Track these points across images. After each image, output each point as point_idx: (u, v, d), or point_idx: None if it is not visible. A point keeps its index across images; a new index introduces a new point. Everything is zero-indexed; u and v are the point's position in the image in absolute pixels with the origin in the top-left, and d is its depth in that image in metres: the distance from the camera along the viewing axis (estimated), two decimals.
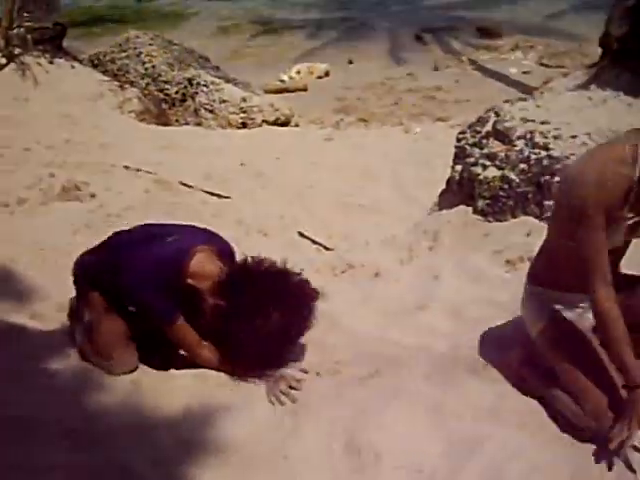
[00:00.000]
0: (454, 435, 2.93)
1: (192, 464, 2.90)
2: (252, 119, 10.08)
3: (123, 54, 11.05)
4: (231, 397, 3.31)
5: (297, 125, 10.61)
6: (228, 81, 10.85)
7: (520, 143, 4.99)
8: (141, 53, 11.02)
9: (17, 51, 9.22)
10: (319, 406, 3.18)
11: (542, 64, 14.04)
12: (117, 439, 3.01)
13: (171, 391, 3.34)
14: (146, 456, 2.91)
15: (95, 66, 10.60)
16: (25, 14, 9.30)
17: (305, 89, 13.20)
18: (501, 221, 4.92)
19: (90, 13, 18.64)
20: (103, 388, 3.38)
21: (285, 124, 10.38)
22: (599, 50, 7.74)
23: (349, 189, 7.30)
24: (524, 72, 13.60)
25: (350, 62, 14.86)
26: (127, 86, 9.68)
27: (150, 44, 11.13)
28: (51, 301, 4.33)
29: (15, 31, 9.29)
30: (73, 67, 9.55)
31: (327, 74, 14.09)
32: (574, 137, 4.85)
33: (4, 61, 9.17)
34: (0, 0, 9.49)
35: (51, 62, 9.31)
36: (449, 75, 13.75)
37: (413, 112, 11.46)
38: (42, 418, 3.08)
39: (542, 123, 5.05)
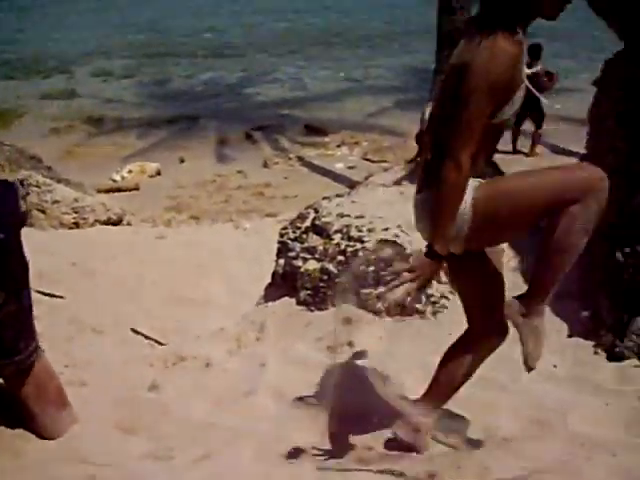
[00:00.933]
0: None
1: None
2: (84, 219, 10.14)
3: None
4: None
5: (129, 224, 10.74)
6: (60, 181, 10.90)
7: (337, 237, 5.39)
8: None
9: None
10: None
11: (366, 159, 14.76)
12: None
13: None
14: None
15: None
16: None
17: (137, 188, 13.35)
18: (322, 310, 5.28)
19: None
20: None
21: (117, 223, 10.49)
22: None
23: (181, 285, 7.49)
24: (349, 167, 14.26)
25: (182, 161, 15.16)
26: None
27: None
28: None
29: None
30: None
31: (159, 173, 14.32)
32: (386, 229, 5.30)
33: None
34: None
35: None
36: (278, 172, 14.26)
37: (243, 208, 11.85)
38: None
39: (357, 217, 5.48)
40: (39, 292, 6.74)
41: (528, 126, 13.19)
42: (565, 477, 3.24)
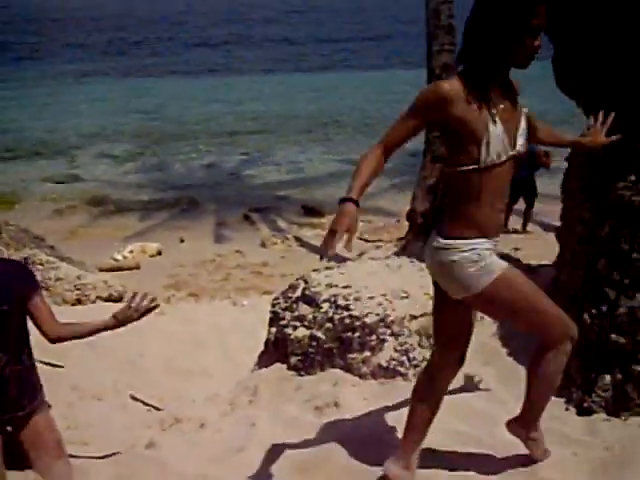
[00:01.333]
0: None
1: None
2: (86, 296, 10.43)
3: None
4: None
5: None
6: (63, 260, 11.23)
7: (325, 305, 5.70)
8: None
9: None
10: None
11: (362, 239, 15.08)
12: None
13: None
14: None
15: None
16: None
17: (138, 267, 13.64)
18: (311, 374, 5.56)
19: None
20: None
21: (118, 300, 10.76)
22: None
23: (179, 356, 7.76)
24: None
25: (181, 241, 15.49)
26: None
27: None
28: None
29: None
30: None
31: (159, 253, 14.63)
32: (372, 298, 5.61)
33: None
34: None
35: None
36: (276, 251, 14.58)
37: (241, 286, 12.13)
38: None
39: (344, 287, 5.80)
40: (40, 362, 7.01)
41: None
42: None
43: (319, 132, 25.58)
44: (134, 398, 6.40)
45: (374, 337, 5.40)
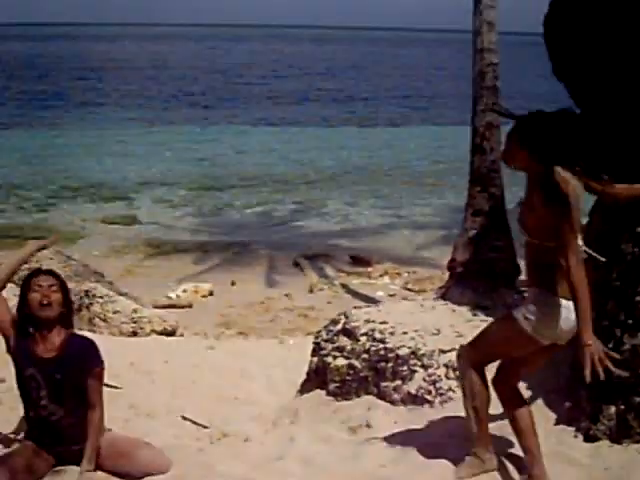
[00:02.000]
0: None
1: None
2: (142, 328, 11.03)
3: (25, 266, 11.93)
4: None
5: (182, 335, 11.64)
6: (121, 294, 11.90)
7: (363, 338, 6.28)
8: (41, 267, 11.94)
9: None
10: None
11: (407, 288, 15.57)
12: None
13: None
14: None
15: None
16: None
17: (190, 306, 14.23)
18: (348, 400, 6.13)
19: None
20: None
21: (172, 334, 11.37)
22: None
23: (227, 386, 8.32)
24: (390, 295, 15.06)
25: (233, 283, 16.05)
26: None
27: (51, 258, 12.13)
28: None
29: None
30: None
31: (211, 293, 15.21)
32: (405, 333, 6.18)
33: None
34: None
35: None
36: (322, 297, 15.08)
37: (288, 327, 12.67)
38: None
39: (381, 323, 6.37)
40: None
41: None
42: None
43: (368, 185, 26.21)
44: (184, 418, 6.96)
45: (406, 368, 5.95)
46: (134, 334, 11.01)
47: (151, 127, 38.69)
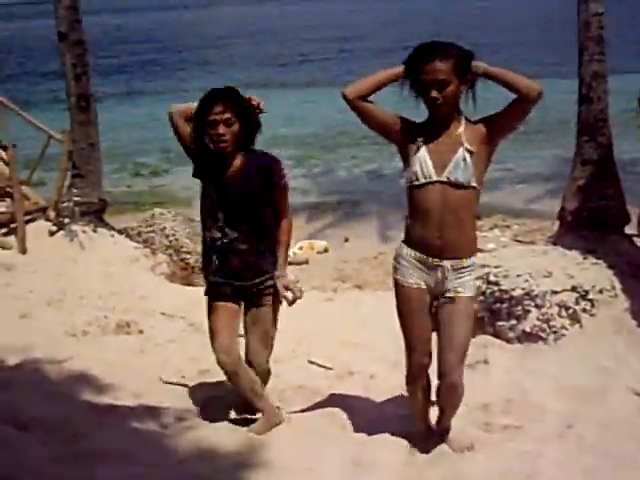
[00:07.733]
0: None
1: None
2: None
3: (149, 228, 12.24)
4: None
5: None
6: None
7: (479, 282, 6.59)
8: (165, 228, 12.24)
9: (66, 221, 10.89)
10: None
11: (517, 240, 15.68)
12: None
13: None
14: None
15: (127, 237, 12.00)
16: (74, 190, 10.98)
17: (307, 262, 14.71)
18: None
19: (111, 196, 20.46)
20: None
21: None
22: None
23: (347, 333, 8.75)
24: (502, 247, 15.23)
25: (346, 240, 16.44)
26: (158, 252, 11.24)
27: (173, 220, 12.57)
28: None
29: (65, 204, 11.01)
30: (112, 236, 11.08)
31: (326, 250, 15.60)
32: (519, 275, 6.49)
33: (55, 229, 10.93)
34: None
35: (94, 231, 10.87)
36: None
37: None
38: None
39: (495, 267, 6.69)
40: (311, 362, 7.90)
41: None
42: None
43: None
44: (311, 362, 7.44)
45: (520, 308, 6.28)
46: None
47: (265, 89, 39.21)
